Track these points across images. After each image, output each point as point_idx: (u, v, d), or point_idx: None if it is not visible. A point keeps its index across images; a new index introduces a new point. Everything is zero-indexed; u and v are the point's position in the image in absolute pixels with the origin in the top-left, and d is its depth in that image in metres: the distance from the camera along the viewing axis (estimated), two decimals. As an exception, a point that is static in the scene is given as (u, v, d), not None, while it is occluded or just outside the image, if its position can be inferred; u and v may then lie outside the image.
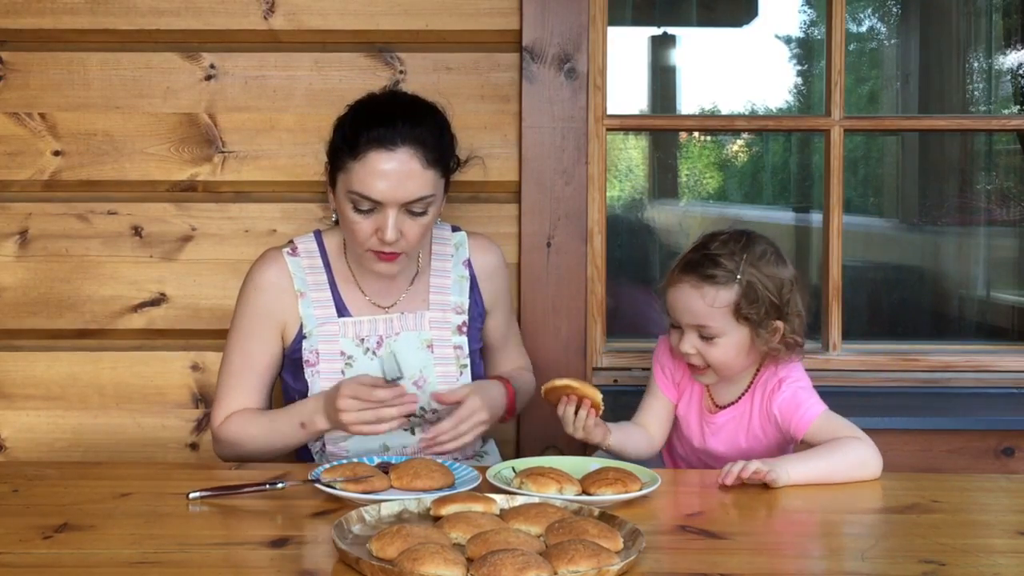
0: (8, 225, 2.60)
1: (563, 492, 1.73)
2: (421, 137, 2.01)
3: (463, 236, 2.27)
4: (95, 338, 2.62)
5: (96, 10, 2.56)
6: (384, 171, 1.99)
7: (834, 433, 1.96)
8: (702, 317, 2.02)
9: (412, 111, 2.07)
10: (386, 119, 2.02)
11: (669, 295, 2.07)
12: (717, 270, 2.01)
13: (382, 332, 2.15)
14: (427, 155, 2.01)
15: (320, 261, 2.18)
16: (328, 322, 2.14)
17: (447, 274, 2.22)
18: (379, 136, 2.00)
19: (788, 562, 1.53)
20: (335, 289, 2.17)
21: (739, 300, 2.01)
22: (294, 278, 2.15)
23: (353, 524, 1.56)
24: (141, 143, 2.59)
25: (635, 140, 4.76)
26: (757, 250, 2.04)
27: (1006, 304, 3.64)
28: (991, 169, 4.17)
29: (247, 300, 2.16)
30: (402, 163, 1.99)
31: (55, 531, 1.58)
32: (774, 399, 2.04)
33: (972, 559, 1.50)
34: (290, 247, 2.19)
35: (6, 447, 2.62)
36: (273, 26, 2.57)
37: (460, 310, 2.21)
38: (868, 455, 1.91)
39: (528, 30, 2.56)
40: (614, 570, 1.38)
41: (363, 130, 2.02)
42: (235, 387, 2.13)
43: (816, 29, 4.74)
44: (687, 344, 2.04)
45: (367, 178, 2.00)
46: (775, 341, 2.03)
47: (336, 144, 2.07)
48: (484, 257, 2.26)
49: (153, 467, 2.25)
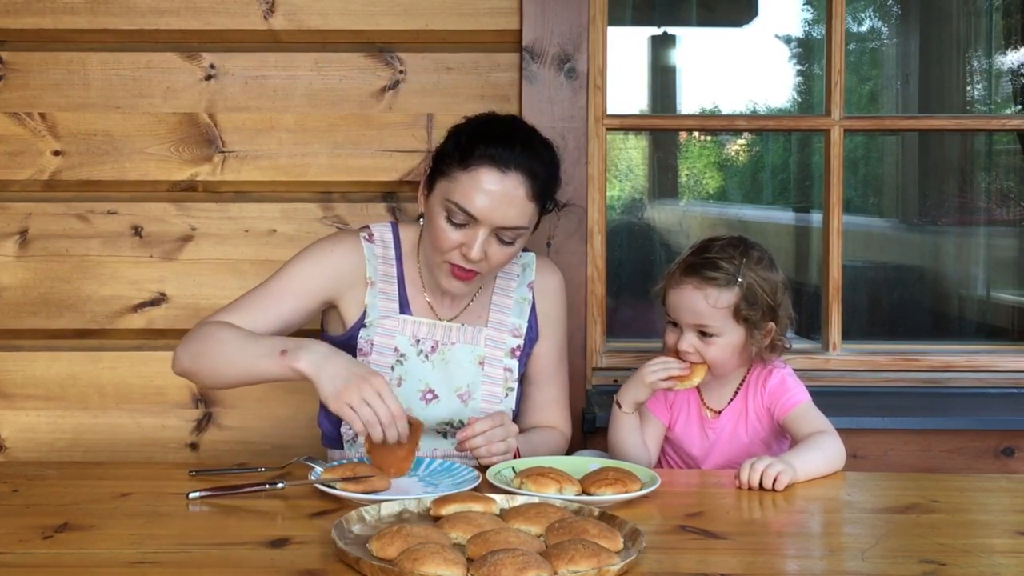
0: (8, 225, 2.60)
1: (563, 492, 1.73)
2: (534, 168, 2.00)
3: (531, 257, 2.25)
4: (95, 338, 2.62)
5: (96, 10, 2.56)
6: (490, 190, 1.97)
7: (814, 423, 2.07)
8: (704, 317, 2.10)
9: (530, 140, 2.06)
10: (505, 140, 2.00)
11: (670, 296, 2.15)
12: (719, 273, 2.10)
13: (439, 338, 2.14)
14: (535, 187, 2.00)
15: (393, 253, 2.16)
16: (389, 316, 2.12)
17: (510, 294, 2.21)
18: (495, 155, 1.98)
19: (788, 562, 1.53)
20: (402, 286, 2.15)
21: (739, 302, 2.10)
22: (368, 264, 2.14)
23: (353, 524, 1.56)
24: (141, 143, 2.59)
25: (635, 140, 4.76)
26: (754, 255, 2.14)
27: (1006, 304, 3.64)
28: (991, 169, 4.17)
29: (311, 256, 2.11)
30: (510, 188, 1.98)
31: (55, 531, 1.58)
32: (767, 383, 2.16)
33: (972, 559, 1.50)
34: (367, 233, 2.17)
35: (6, 447, 2.62)
36: (273, 26, 2.57)
37: (517, 333, 2.19)
38: (842, 451, 2.01)
39: (528, 30, 2.56)
40: (614, 570, 1.38)
41: (480, 144, 1.99)
42: (242, 309, 2.05)
43: (816, 29, 4.74)
44: (685, 343, 2.12)
45: (472, 192, 1.97)
46: (766, 342, 2.14)
47: (447, 150, 2.04)
48: (545, 279, 2.24)
49: (153, 467, 2.25)
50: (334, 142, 2.59)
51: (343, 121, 2.58)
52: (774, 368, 2.17)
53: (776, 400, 2.14)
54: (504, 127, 2.08)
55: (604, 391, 2.64)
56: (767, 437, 2.19)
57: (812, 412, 2.11)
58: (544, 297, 2.24)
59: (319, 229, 2.58)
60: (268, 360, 1.89)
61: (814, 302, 2.95)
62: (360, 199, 2.60)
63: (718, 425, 2.19)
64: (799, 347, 2.80)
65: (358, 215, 2.59)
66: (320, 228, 2.58)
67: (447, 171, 2.02)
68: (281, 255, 2.55)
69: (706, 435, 2.20)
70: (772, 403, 2.14)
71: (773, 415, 2.15)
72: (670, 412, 2.23)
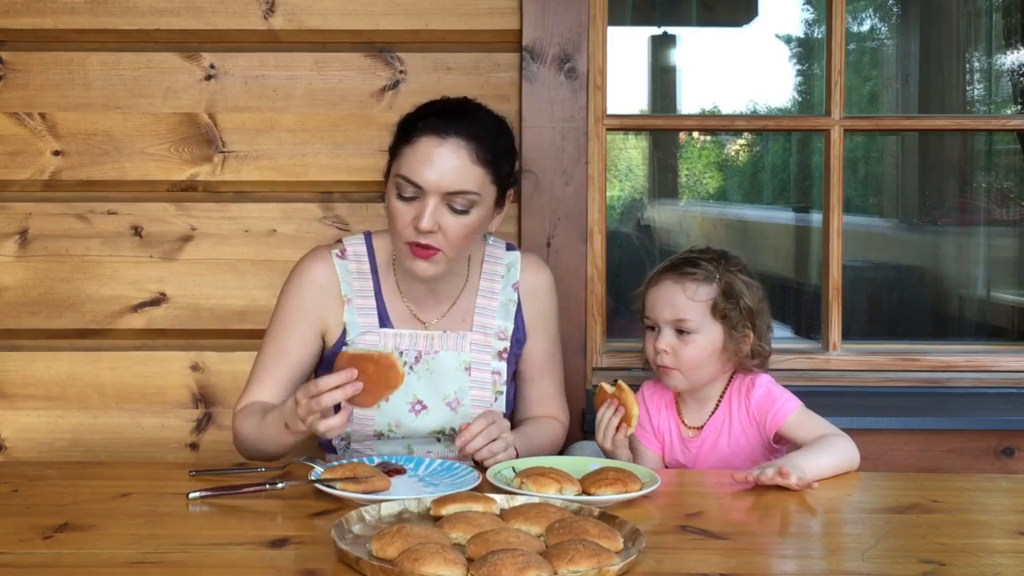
0: (8, 225, 2.60)
1: (563, 492, 1.73)
2: (475, 133, 2.02)
3: (516, 256, 2.23)
4: (95, 338, 2.62)
5: (96, 10, 2.56)
6: (431, 156, 1.99)
7: (815, 428, 2.03)
8: (681, 310, 2.08)
9: (472, 110, 2.09)
10: (445, 111, 2.05)
11: (649, 295, 2.13)
12: (698, 269, 2.10)
13: (422, 348, 2.13)
14: (478, 151, 2.00)
15: (368, 267, 2.16)
16: (369, 331, 2.12)
17: (495, 296, 2.19)
18: (434, 124, 2.01)
19: (788, 562, 1.53)
20: (380, 298, 2.15)
21: (717, 297, 2.08)
22: (342, 282, 2.14)
23: (353, 524, 1.56)
24: (141, 143, 2.59)
25: (635, 140, 4.76)
26: (734, 260, 2.16)
27: (1006, 304, 3.64)
28: (991, 169, 4.17)
29: (291, 293, 2.15)
30: (450, 152, 1.99)
31: (55, 531, 1.58)
32: (751, 396, 2.10)
33: (972, 559, 1.50)
34: (339, 249, 2.17)
35: (6, 447, 2.62)
36: (273, 26, 2.57)
37: (503, 336, 2.17)
38: (855, 451, 1.97)
39: (528, 30, 2.56)
40: (614, 570, 1.38)
41: (422, 119, 2.04)
42: (262, 380, 2.12)
43: (816, 29, 4.74)
44: (663, 341, 2.09)
45: (414, 162, 2.00)
46: (745, 348, 2.10)
47: (395, 135, 2.08)
48: (532, 278, 2.22)
49: (153, 467, 2.25)
50: (334, 142, 2.59)
51: (343, 121, 2.58)
52: (756, 378, 2.11)
53: (765, 413, 2.07)
54: (446, 102, 2.11)
55: (604, 391, 2.65)
56: (752, 452, 2.11)
57: (808, 416, 2.06)
58: (530, 298, 2.21)
59: (319, 229, 2.58)
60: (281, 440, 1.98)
61: (814, 302, 2.95)
62: (360, 199, 2.60)
63: (698, 441, 2.13)
64: (799, 347, 2.80)
65: (358, 215, 2.59)
66: (320, 228, 2.58)
67: (396, 152, 2.06)
68: (281, 255, 2.56)
69: (688, 451, 2.14)
70: (761, 416, 2.08)
71: (762, 429, 2.08)
72: (656, 437, 2.18)
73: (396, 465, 1.88)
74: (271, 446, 2.02)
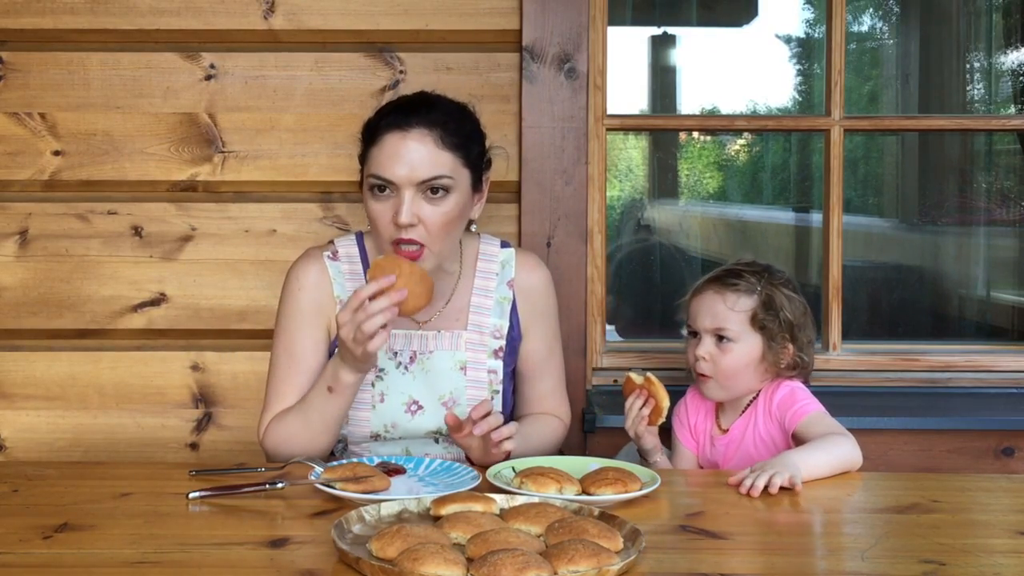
0: (8, 225, 2.60)
1: (563, 492, 1.73)
2: (436, 119, 2.02)
3: (511, 253, 2.22)
4: (95, 338, 2.62)
5: (96, 10, 2.56)
6: (397, 151, 1.99)
7: (827, 431, 2.04)
8: (721, 319, 2.14)
9: (431, 99, 2.10)
10: (404, 106, 2.06)
11: (692, 305, 2.20)
12: (740, 280, 2.17)
13: (416, 348, 2.12)
14: (443, 137, 2.01)
15: (360, 267, 2.16)
16: None
17: (489, 294, 2.18)
18: (394, 120, 2.02)
19: (788, 562, 1.53)
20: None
21: (757, 308, 2.14)
22: (334, 283, 2.14)
23: (353, 524, 1.56)
24: (141, 143, 2.59)
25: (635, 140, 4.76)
26: (778, 275, 2.21)
27: (1006, 304, 3.64)
28: (991, 169, 4.17)
29: (289, 300, 2.14)
30: (415, 142, 2.00)
31: (55, 531, 1.58)
32: (775, 395, 2.15)
33: (972, 559, 1.50)
34: (331, 251, 2.17)
35: (6, 447, 2.62)
36: (273, 26, 2.57)
37: (498, 334, 2.16)
38: (856, 452, 1.98)
39: (528, 30, 2.56)
40: (614, 570, 1.38)
41: (384, 118, 2.05)
42: (282, 392, 2.10)
43: (816, 29, 4.74)
44: (702, 348, 2.15)
45: (383, 160, 2.00)
46: (783, 361, 2.15)
47: (362, 142, 2.09)
48: (527, 275, 2.21)
49: (153, 467, 2.25)
50: (334, 142, 2.59)
51: (343, 121, 2.58)
52: (783, 381, 2.16)
53: (785, 411, 2.11)
54: (403, 98, 2.13)
55: (604, 391, 2.65)
56: (776, 451, 2.11)
57: (823, 420, 2.08)
58: (526, 296, 2.20)
59: (319, 229, 2.58)
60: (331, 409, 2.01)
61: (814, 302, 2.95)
62: (360, 199, 2.59)
63: (725, 440, 2.19)
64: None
65: (358, 215, 2.59)
66: (320, 228, 2.59)
67: (365, 156, 2.06)
68: (281, 255, 2.55)
69: (716, 449, 2.20)
70: (782, 415, 2.12)
71: (783, 428, 2.12)
72: (693, 437, 2.25)
73: (396, 465, 1.88)
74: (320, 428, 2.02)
